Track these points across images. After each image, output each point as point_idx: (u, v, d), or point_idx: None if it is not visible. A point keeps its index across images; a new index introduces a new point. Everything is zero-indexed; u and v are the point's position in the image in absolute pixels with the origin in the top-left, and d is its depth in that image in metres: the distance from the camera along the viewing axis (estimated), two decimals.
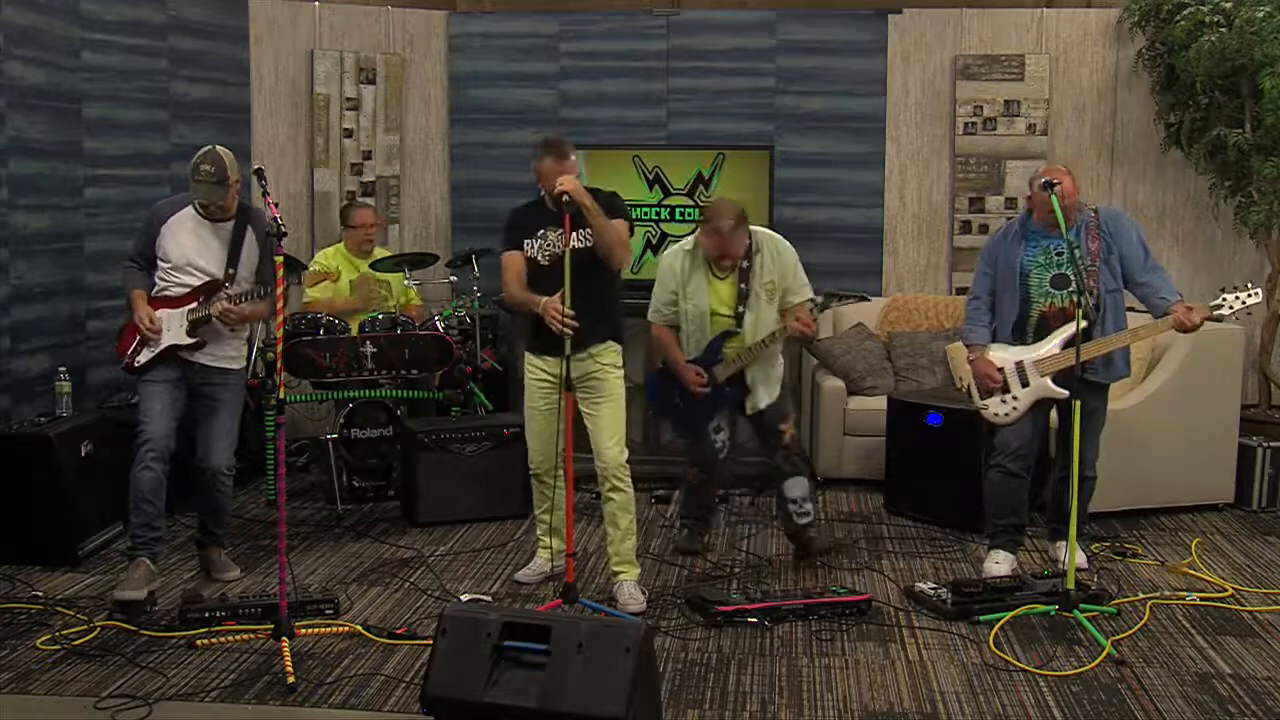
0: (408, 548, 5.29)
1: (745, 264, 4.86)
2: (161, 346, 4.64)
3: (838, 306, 5.01)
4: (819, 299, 4.85)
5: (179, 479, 4.84)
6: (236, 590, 4.65)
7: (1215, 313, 4.60)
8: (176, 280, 4.67)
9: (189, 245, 4.66)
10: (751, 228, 4.90)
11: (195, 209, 4.69)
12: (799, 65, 7.16)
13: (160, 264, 4.69)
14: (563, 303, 4.38)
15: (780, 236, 5.01)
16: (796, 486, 5.00)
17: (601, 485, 4.64)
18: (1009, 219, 6.00)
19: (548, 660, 3.11)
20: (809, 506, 5.02)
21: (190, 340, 4.64)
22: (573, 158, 4.60)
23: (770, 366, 4.98)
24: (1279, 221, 6.35)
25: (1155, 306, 4.73)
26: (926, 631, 4.33)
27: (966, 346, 4.98)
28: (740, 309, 4.86)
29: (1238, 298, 4.57)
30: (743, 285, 4.87)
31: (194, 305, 4.64)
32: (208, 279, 4.66)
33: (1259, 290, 4.61)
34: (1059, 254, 4.74)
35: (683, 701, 3.73)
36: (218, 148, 4.62)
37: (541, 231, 4.59)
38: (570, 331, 4.39)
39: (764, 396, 4.96)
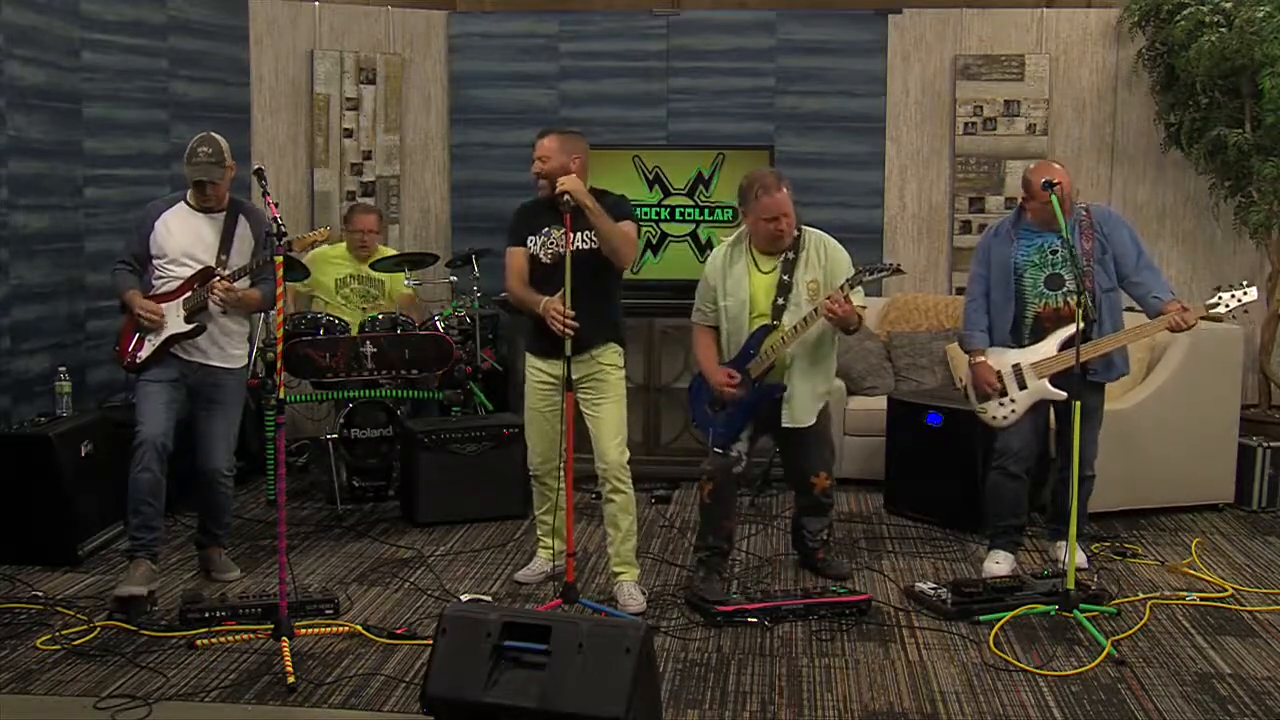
0: (408, 548, 5.29)
1: (791, 255, 4.61)
2: (162, 337, 4.63)
3: (870, 280, 4.57)
4: (848, 277, 4.52)
5: (179, 479, 4.85)
6: (236, 590, 4.65)
7: (1211, 311, 4.59)
8: (171, 274, 4.67)
9: (182, 237, 4.67)
10: (803, 226, 4.66)
11: (187, 202, 4.71)
12: (799, 65, 7.17)
13: (155, 260, 4.69)
14: (563, 303, 4.37)
15: (833, 240, 4.69)
16: (816, 522, 4.96)
17: (602, 486, 4.63)
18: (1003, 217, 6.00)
19: (548, 660, 3.11)
20: (823, 535, 4.99)
21: (189, 327, 4.63)
22: (562, 143, 4.49)
23: (812, 378, 4.64)
24: (1279, 221, 6.36)
25: (1149, 306, 4.73)
26: (926, 631, 4.33)
27: (965, 351, 4.97)
28: (780, 301, 4.59)
29: (1233, 296, 4.56)
30: (785, 277, 4.59)
31: (189, 294, 4.65)
32: (201, 267, 4.67)
33: (1254, 288, 4.60)
34: (1054, 253, 4.74)
35: (683, 701, 3.73)
36: (213, 133, 4.72)
37: (546, 229, 4.56)
38: (570, 333, 4.37)
39: (803, 413, 4.63)
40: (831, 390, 4.84)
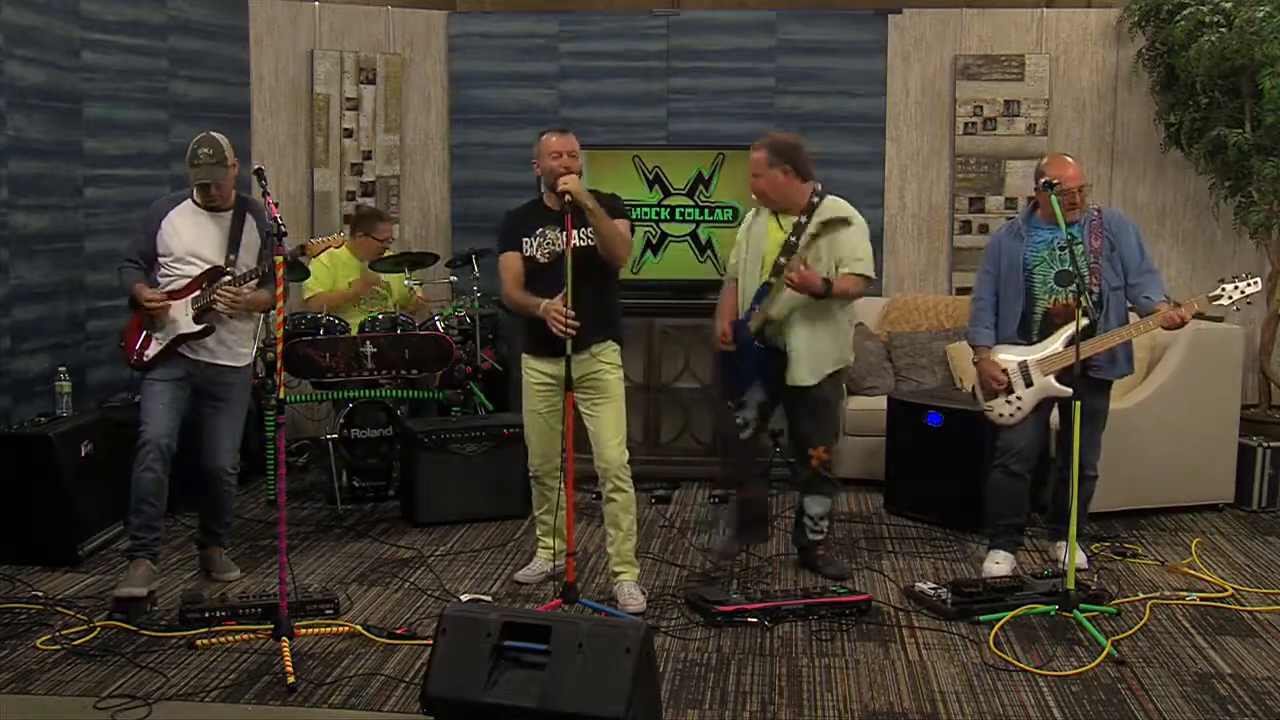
0: (408, 548, 5.29)
1: (804, 219, 4.71)
2: (171, 336, 4.62)
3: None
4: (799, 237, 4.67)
5: (181, 478, 4.84)
6: (236, 590, 4.65)
7: (1215, 304, 4.60)
8: (179, 272, 4.66)
9: (190, 235, 4.66)
10: (830, 197, 4.74)
11: (194, 200, 4.70)
12: (799, 65, 7.17)
13: (161, 258, 4.67)
14: (564, 304, 4.37)
15: (853, 210, 4.74)
16: (818, 504, 4.94)
17: (602, 486, 4.63)
18: (1009, 219, 5.99)
19: (548, 660, 3.11)
20: (824, 525, 4.96)
21: (198, 327, 4.62)
22: (573, 138, 4.56)
23: (815, 338, 4.71)
24: (1279, 221, 6.36)
25: (1141, 306, 4.76)
26: (926, 631, 4.33)
27: (971, 348, 4.98)
28: (782, 260, 4.67)
29: (1236, 287, 4.57)
30: (792, 238, 4.69)
31: (197, 294, 4.64)
32: (209, 266, 4.66)
33: (1258, 279, 4.61)
34: (1063, 249, 4.74)
35: (683, 701, 3.73)
36: (212, 132, 4.70)
37: (540, 230, 4.57)
38: (572, 333, 4.37)
39: (801, 372, 4.70)
40: (842, 360, 4.83)
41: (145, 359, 4.66)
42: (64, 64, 5.74)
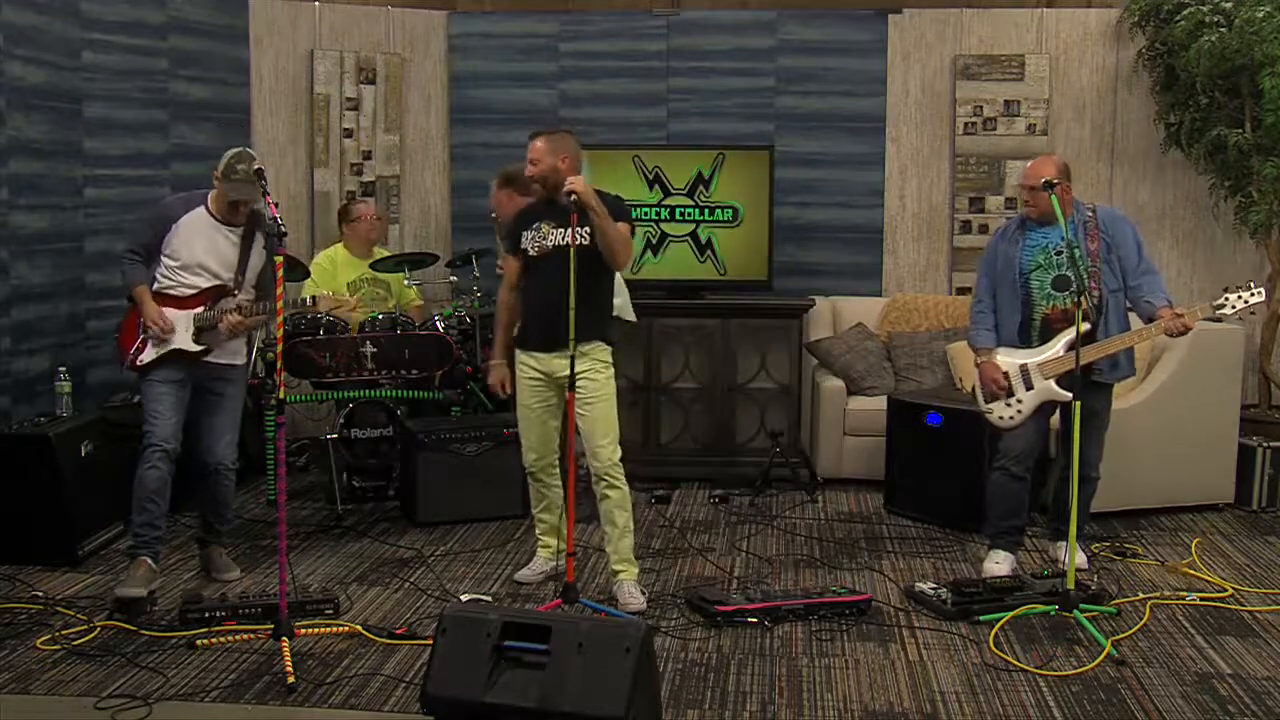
0: (408, 548, 5.29)
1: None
2: (167, 348, 4.63)
3: None
4: None
5: (180, 478, 4.84)
6: (236, 590, 4.65)
7: (1218, 312, 4.60)
8: (183, 280, 4.66)
9: (201, 246, 4.66)
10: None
11: (208, 210, 4.69)
12: (799, 65, 7.16)
13: (167, 261, 4.67)
14: (564, 300, 4.36)
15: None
16: None
17: (596, 485, 4.62)
18: (1008, 219, 5.98)
19: (548, 660, 3.11)
20: None
21: (197, 348, 4.64)
22: (550, 144, 4.57)
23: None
24: (1279, 221, 6.36)
25: (1142, 310, 4.75)
26: (926, 631, 4.33)
27: (973, 350, 4.98)
28: None
29: (1240, 297, 4.57)
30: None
31: (200, 310, 4.64)
32: (215, 283, 4.66)
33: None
34: (1058, 253, 4.74)
35: (683, 701, 3.73)
36: (247, 149, 4.72)
37: (537, 224, 4.61)
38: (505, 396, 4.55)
39: None
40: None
41: (139, 364, 4.67)
42: (64, 64, 5.74)
